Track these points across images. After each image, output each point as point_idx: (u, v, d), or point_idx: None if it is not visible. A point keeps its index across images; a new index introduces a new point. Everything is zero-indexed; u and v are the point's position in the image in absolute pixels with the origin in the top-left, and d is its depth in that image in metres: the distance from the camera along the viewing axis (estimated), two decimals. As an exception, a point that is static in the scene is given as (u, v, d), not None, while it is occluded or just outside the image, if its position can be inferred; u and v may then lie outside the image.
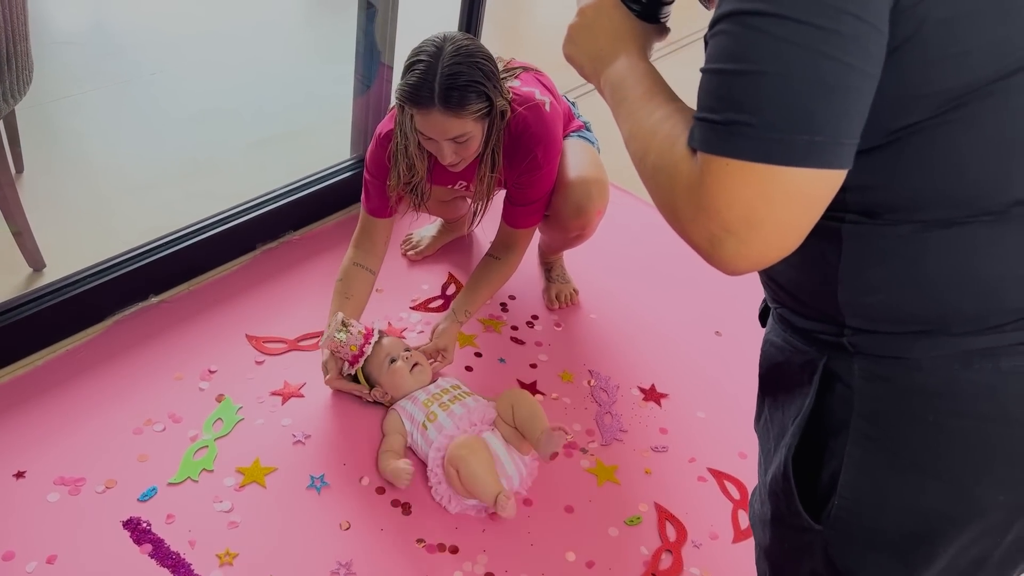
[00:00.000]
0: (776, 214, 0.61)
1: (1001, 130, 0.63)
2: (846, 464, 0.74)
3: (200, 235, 1.86)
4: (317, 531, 1.39)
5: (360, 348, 1.57)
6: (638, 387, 1.79)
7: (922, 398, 0.70)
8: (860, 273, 0.71)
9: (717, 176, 0.62)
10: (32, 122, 2.16)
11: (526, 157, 1.63)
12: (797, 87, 0.58)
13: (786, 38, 0.58)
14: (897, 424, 0.72)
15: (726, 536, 1.50)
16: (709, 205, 0.62)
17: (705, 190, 0.62)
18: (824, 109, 0.59)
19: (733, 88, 0.61)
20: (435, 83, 1.42)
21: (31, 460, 1.43)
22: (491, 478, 1.39)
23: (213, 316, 1.78)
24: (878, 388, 0.72)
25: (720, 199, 0.62)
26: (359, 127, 2.19)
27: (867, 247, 0.70)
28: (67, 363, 1.62)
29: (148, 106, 2.64)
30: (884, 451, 0.73)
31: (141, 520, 1.36)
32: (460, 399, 1.54)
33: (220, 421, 1.55)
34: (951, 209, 0.66)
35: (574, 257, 2.05)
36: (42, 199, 2.03)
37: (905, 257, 0.68)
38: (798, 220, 0.62)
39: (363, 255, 1.71)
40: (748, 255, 0.63)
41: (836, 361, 0.75)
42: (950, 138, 0.64)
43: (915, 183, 0.66)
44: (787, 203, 0.61)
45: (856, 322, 0.73)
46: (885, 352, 0.71)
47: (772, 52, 0.59)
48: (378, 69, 2.10)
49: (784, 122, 0.59)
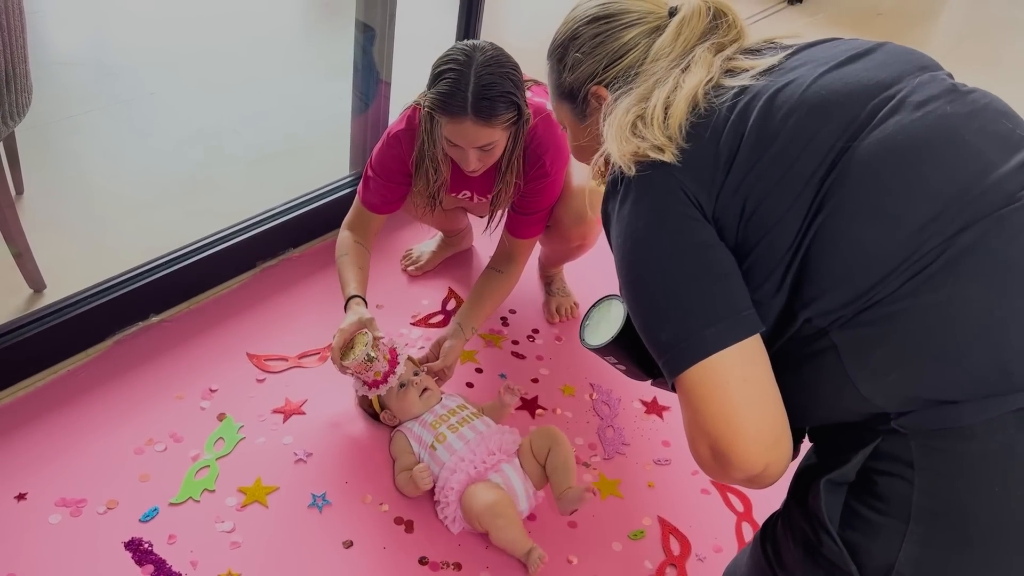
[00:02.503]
0: (720, 400, 0.78)
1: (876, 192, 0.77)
2: (908, 540, 0.74)
3: (200, 254, 1.86)
4: (319, 550, 1.39)
5: (384, 376, 1.53)
6: (640, 400, 1.78)
7: (984, 466, 0.71)
8: (865, 363, 0.75)
9: (681, 401, 0.82)
10: (32, 143, 2.17)
11: (535, 164, 1.64)
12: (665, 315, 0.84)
13: (645, 294, 0.85)
14: (962, 498, 0.72)
15: (730, 549, 1.50)
16: (695, 423, 0.81)
17: (685, 415, 0.82)
18: (687, 319, 0.81)
19: (644, 338, 0.87)
20: (468, 93, 1.44)
21: (32, 482, 1.42)
22: (521, 537, 1.39)
23: (214, 335, 1.78)
24: (938, 462, 0.72)
25: (694, 415, 0.80)
26: (358, 144, 2.20)
27: (857, 339, 0.76)
28: (68, 384, 1.62)
29: (147, 126, 2.64)
30: (951, 529, 0.73)
31: (143, 541, 1.36)
32: (469, 421, 1.52)
33: (221, 440, 1.55)
34: (889, 273, 0.73)
35: (574, 270, 2.05)
36: (42, 220, 2.03)
37: (894, 331, 0.73)
38: (744, 393, 0.78)
39: (359, 236, 1.74)
40: (748, 448, 0.78)
41: (891, 443, 0.76)
42: (842, 217, 0.77)
43: (834, 272, 0.76)
44: (718, 386, 0.78)
45: (894, 405, 0.75)
46: (936, 425, 0.73)
47: (641, 307, 0.86)
48: (376, 86, 2.11)
49: (671, 340, 0.82)
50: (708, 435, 0.79)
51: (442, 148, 1.59)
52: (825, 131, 0.79)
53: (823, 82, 0.82)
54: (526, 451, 1.49)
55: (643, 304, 0.85)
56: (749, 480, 0.79)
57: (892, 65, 0.83)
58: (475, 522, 1.40)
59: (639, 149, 0.84)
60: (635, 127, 0.86)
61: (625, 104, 0.90)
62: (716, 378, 0.78)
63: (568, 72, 1.02)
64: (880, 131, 0.77)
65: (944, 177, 0.74)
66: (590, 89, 1.00)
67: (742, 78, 0.86)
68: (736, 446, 0.77)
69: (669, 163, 0.82)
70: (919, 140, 0.76)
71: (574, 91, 1.02)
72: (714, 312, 0.80)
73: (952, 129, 0.77)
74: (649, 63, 0.93)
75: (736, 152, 0.81)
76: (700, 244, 0.82)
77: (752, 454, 0.77)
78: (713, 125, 0.83)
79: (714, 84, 0.86)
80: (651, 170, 0.84)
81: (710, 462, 0.80)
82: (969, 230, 0.72)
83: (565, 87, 1.04)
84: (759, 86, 0.84)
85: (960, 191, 0.73)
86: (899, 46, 0.88)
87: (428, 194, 1.68)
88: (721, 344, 0.78)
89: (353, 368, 1.51)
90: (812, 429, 0.89)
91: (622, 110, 0.89)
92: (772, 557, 0.91)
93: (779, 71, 0.86)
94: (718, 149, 0.82)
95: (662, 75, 0.90)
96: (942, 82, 0.82)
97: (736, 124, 0.82)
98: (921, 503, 0.73)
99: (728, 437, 0.77)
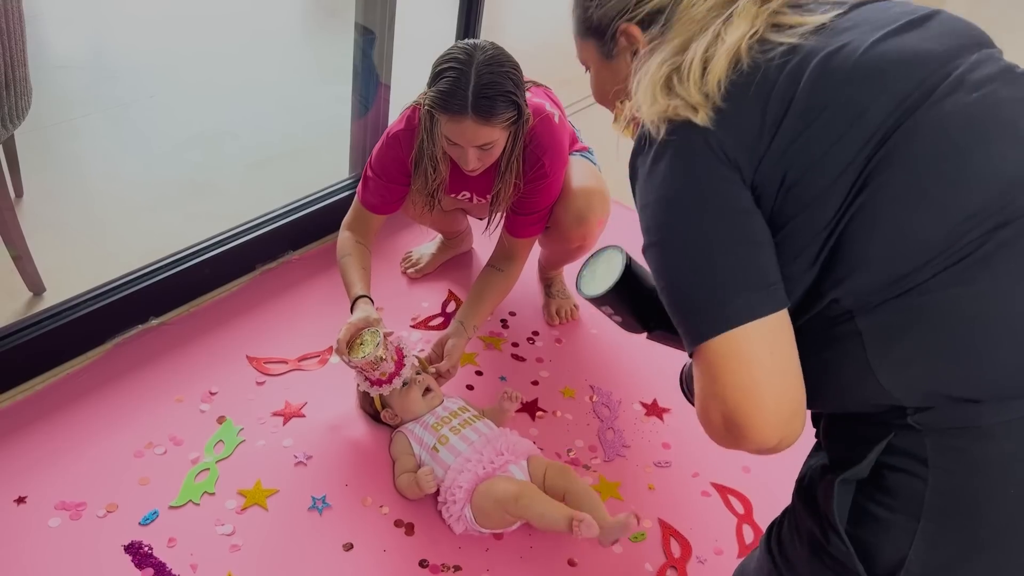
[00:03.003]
0: (743, 373, 0.75)
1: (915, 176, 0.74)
2: (918, 539, 0.74)
3: (199, 256, 1.86)
4: (319, 553, 1.39)
5: (390, 376, 1.53)
6: (640, 402, 1.78)
7: (1000, 469, 0.70)
8: (888, 352, 0.74)
9: (699, 367, 0.79)
10: (31, 147, 2.17)
11: (534, 165, 1.64)
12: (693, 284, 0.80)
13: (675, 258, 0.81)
14: (976, 498, 0.71)
15: (731, 551, 1.49)
16: (711, 391, 0.77)
17: (699, 381, 0.79)
18: (736, 276, 0.77)
19: (666, 301, 0.82)
20: (468, 91, 1.44)
21: (32, 485, 1.42)
22: (553, 508, 1.36)
23: (213, 337, 1.78)
24: (952, 462, 0.72)
25: (712, 383, 0.77)
26: (357, 146, 2.20)
27: (884, 327, 0.74)
28: (68, 387, 1.62)
29: (147, 129, 2.64)
30: (962, 529, 0.72)
31: (143, 544, 1.35)
32: (471, 423, 1.52)
33: (221, 443, 1.54)
34: (926, 262, 0.71)
35: (574, 272, 2.04)
36: (41, 223, 2.03)
37: (921, 323, 0.72)
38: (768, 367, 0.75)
39: (360, 237, 1.74)
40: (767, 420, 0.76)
41: (904, 439, 0.75)
42: (885, 198, 0.73)
43: (870, 254, 0.74)
44: (743, 359, 0.75)
45: (912, 400, 0.74)
46: (955, 424, 0.72)
47: (668, 270, 0.82)
48: (376, 89, 2.11)
49: (697, 307, 0.78)
50: (725, 405, 0.76)
51: (441, 147, 1.59)
52: (877, 105, 0.75)
53: (878, 50, 0.77)
54: (537, 484, 1.46)
55: (671, 267, 0.81)
56: (757, 451, 0.78)
57: (949, 38, 0.79)
58: (496, 515, 1.39)
59: (672, 107, 0.79)
60: (669, 83, 0.81)
61: (659, 57, 0.84)
62: (742, 350, 0.75)
63: (596, 6, 0.95)
64: (935, 110, 0.74)
65: (993, 168, 0.72)
66: (619, 26, 0.93)
67: (790, 35, 0.80)
68: (754, 419, 0.75)
69: (705, 123, 0.78)
70: (974, 124, 0.73)
71: (601, 27, 0.95)
72: (746, 282, 0.76)
73: (1006, 116, 0.74)
74: (685, 7, 0.86)
75: (783, 117, 0.77)
76: (738, 210, 0.78)
77: (769, 427, 0.75)
78: (758, 84, 0.78)
79: (758, 39, 0.80)
80: (687, 129, 0.79)
81: (721, 430, 0.78)
82: (1009, 226, 0.70)
83: (592, 22, 0.97)
84: (809, 46, 0.79)
85: (1007, 184, 0.71)
86: (954, 16, 0.83)
87: (427, 193, 1.68)
88: (751, 315, 0.75)
89: (361, 365, 1.51)
90: (825, 424, 0.88)
91: (655, 64, 0.83)
92: (779, 558, 0.91)
93: (830, 31, 0.80)
94: (764, 112, 0.77)
95: (701, 24, 0.83)
96: (997, 61, 0.78)
97: (785, 87, 0.77)
98: (933, 501, 0.73)
99: (746, 410, 0.75)
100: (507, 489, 1.38)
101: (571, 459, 1.62)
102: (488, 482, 1.41)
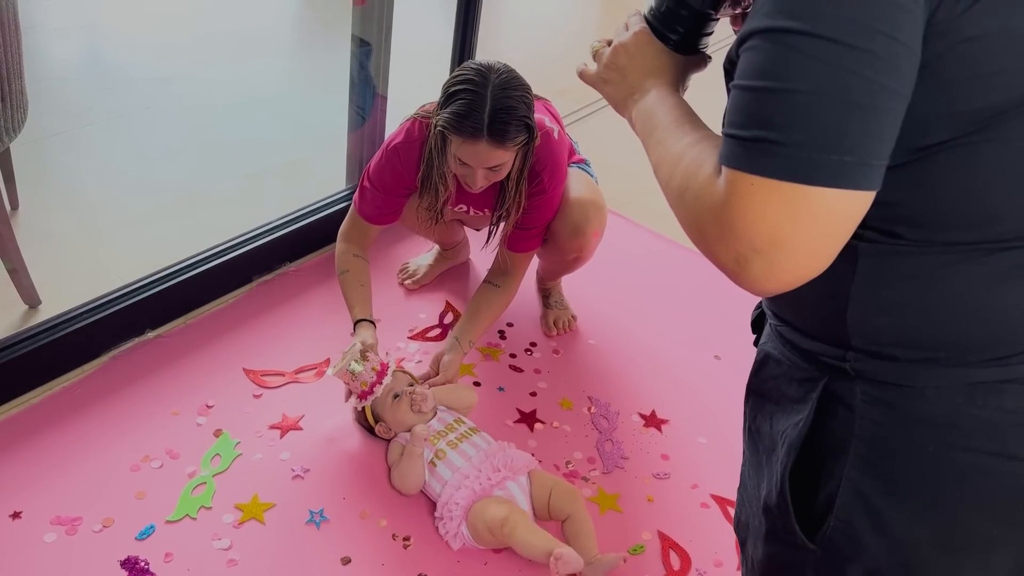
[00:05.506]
0: (803, 234, 0.60)
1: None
2: (843, 487, 0.74)
3: (196, 269, 1.86)
4: (317, 567, 1.38)
5: (371, 386, 1.54)
6: (638, 413, 1.78)
7: (923, 428, 0.70)
8: (872, 293, 0.70)
9: (743, 194, 0.61)
10: (27, 159, 2.16)
11: (533, 181, 1.65)
12: (827, 107, 0.58)
13: (817, 57, 0.57)
14: (897, 452, 0.71)
15: (730, 563, 1.49)
16: (735, 224, 0.62)
17: (731, 209, 0.62)
18: (854, 129, 0.58)
19: (762, 106, 0.60)
20: (484, 115, 1.45)
21: (27, 500, 1.41)
22: (536, 538, 1.37)
23: (210, 350, 1.78)
24: (880, 414, 0.71)
25: (746, 218, 0.61)
26: (354, 158, 2.20)
27: (882, 267, 0.69)
28: (63, 400, 1.61)
29: (142, 140, 2.64)
30: (882, 478, 0.72)
31: (139, 559, 1.34)
32: (467, 437, 1.52)
33: (218, 456, 1.54)
34: (972, 233, 0.66)
35: (572, 283, 2.04)
36: (37, 236, 2.02)
37: (919, 279, 0.68)
38: (826, 241, 0.61)
39: (357, 248, 1.75)
40: (775, 275, 0.62)
41: (838, 383, 0.74)
42: (975, 159, 0.63)
43: (938, 203, 0.65)
44: (814, 223, 0.60)
45: (861, 344, 0.72)
46: (889, 379, 0.71)
47: (803, 71, 0.58)
48: (373, 100, 2.11)
49: (813, 141, 0.58)
50: (751, 248, 0.61)
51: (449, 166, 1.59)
52: None
53: None
54: (541, 501, 1.47)
55: (776, 78, 0.59)
56: (749, 290, 0.67)
57: None
58: (487, 536, 1.39)
59: None
60: None
61: None
62: (804, 210, 0.59)
63: None
64: None
65: None
66: None
67: None
68: (773, 278, 0.63)
69: None
70: None
71: None
72: (859, 143, 0.58)
73: None
74: None
75: None
76: (894, 55, 0.58)
77: (779, 286, 0.64)
78: None
79: None
80: None
81: (732, 265, 0.64)
82: None
83: None
84: None
85: None
86: None
87: (434, 209, 1.69)
88: (836, 181, 0.59)
89: (341, 378, 1.56)
90: (774, 338, 0.84)
91: None
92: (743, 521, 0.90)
93: None
94: None
95: None
96: None
97: None
98: (858, 450, 0.72)
99: (773, 271, 0.62)
100: (495, 514, 1.38)
101: (569, 471, 1.61)
102: (482, 502, 1.41)
